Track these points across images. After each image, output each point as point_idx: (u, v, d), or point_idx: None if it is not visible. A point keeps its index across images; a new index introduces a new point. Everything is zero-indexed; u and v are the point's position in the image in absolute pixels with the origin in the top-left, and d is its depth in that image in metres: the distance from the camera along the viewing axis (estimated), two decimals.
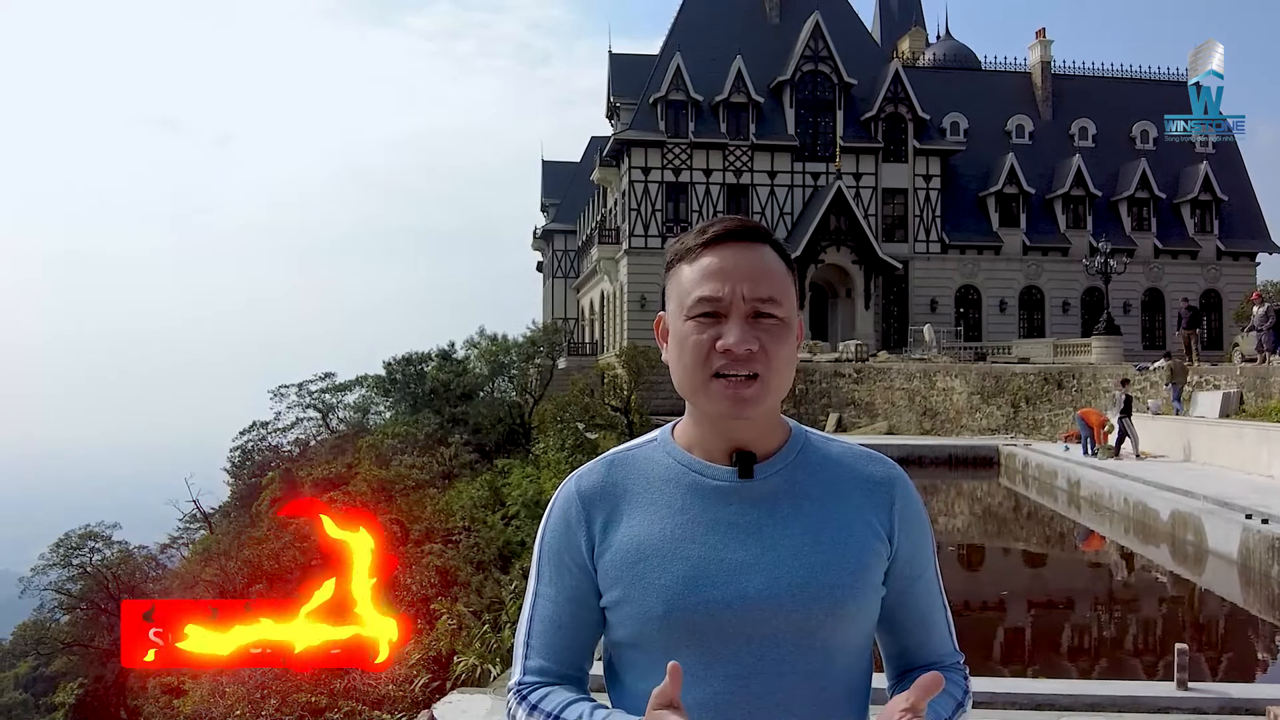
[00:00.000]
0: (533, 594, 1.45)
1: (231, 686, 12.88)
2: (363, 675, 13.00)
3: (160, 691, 22.27)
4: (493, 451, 36.56)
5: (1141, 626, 10.32)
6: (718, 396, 1.36)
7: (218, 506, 49.11)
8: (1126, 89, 51.58)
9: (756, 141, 45.34)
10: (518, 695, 1.40)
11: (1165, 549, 13.49)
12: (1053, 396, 28.51)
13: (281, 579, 25.49)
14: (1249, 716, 4.90)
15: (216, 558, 27.62)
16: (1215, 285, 48.70)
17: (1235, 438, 18.12)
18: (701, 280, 1.37)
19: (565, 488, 1.46)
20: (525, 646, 1.43)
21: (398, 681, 12.20)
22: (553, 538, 1.44)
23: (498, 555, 21.72)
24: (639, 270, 44.64)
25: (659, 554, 1.37)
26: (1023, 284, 47.67)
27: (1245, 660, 9.21)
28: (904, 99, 46.30)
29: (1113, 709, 4.97)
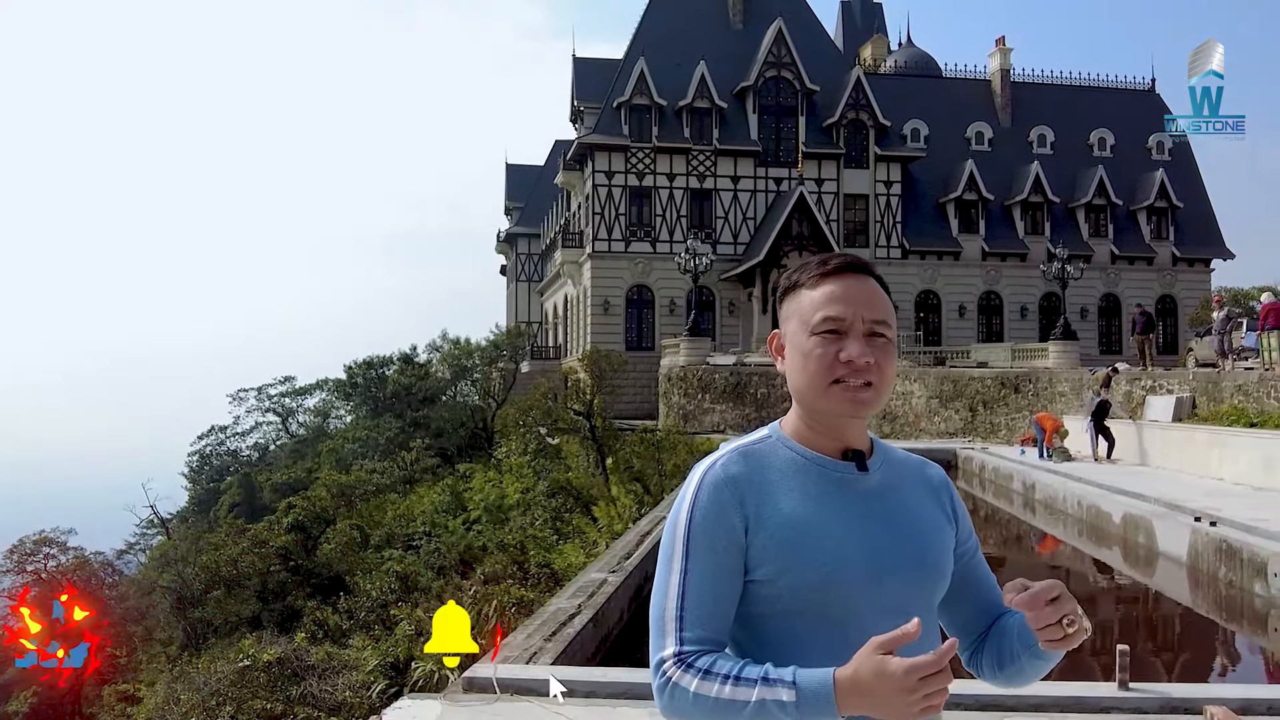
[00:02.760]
0: (681, 570, 1.55)
1: (187, 692, 12.75)
2: (319, 681, 12.92)
3: (116, 699, 21.98)
4: (455, 456, 36.44)
5: (1095, 628, 10.50)
6: (838, 400, 1.59)
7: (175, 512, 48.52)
8: (1084, 97, 52.36)
9: (720, 146, 45.54)
10: (680, 662, 1.49)
11: (1117, 551, 13.72)
12: (1010, 400, 28.87)
13: (240, 585, 25.24)
14: (1188, 715, 5.02)
15: (174, 563, 27.30)
16: (1171, 291, 49.53)
17: (1187, 441, 18.46)
18: (827, 303, 1.61)
19: (711, 473, 1.60)
20: (678, 620, 1.53)
21: (355, 688, 12.14)
22: (704, 519, 1.56)
23: (459, 560, 21.66)
24: (602, 274, 44.66)
25: (810, 534, 1.56)
26: (982, 289, 48.24)
27: (1191, 660, 9.39)
28: (865, 105, 46.70)
29: (1056, 709, 5.07)
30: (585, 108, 48.68)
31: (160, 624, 26.58)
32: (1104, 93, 52.91)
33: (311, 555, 26.03)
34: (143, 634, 28.60)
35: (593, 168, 45.08)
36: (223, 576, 24.31)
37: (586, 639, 6.88)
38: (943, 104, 50.52)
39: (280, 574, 25.69)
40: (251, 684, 12.18)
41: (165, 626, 25.91)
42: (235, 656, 13.50)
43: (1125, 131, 51.24)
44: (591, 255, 44.83)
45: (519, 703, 5.37)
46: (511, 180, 71.65)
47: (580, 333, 46.82)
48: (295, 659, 13.38)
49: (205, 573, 24.41)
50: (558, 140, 63.99)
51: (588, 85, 48.99)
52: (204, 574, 24.44)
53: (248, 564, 24.94)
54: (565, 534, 18.97)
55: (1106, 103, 52.17)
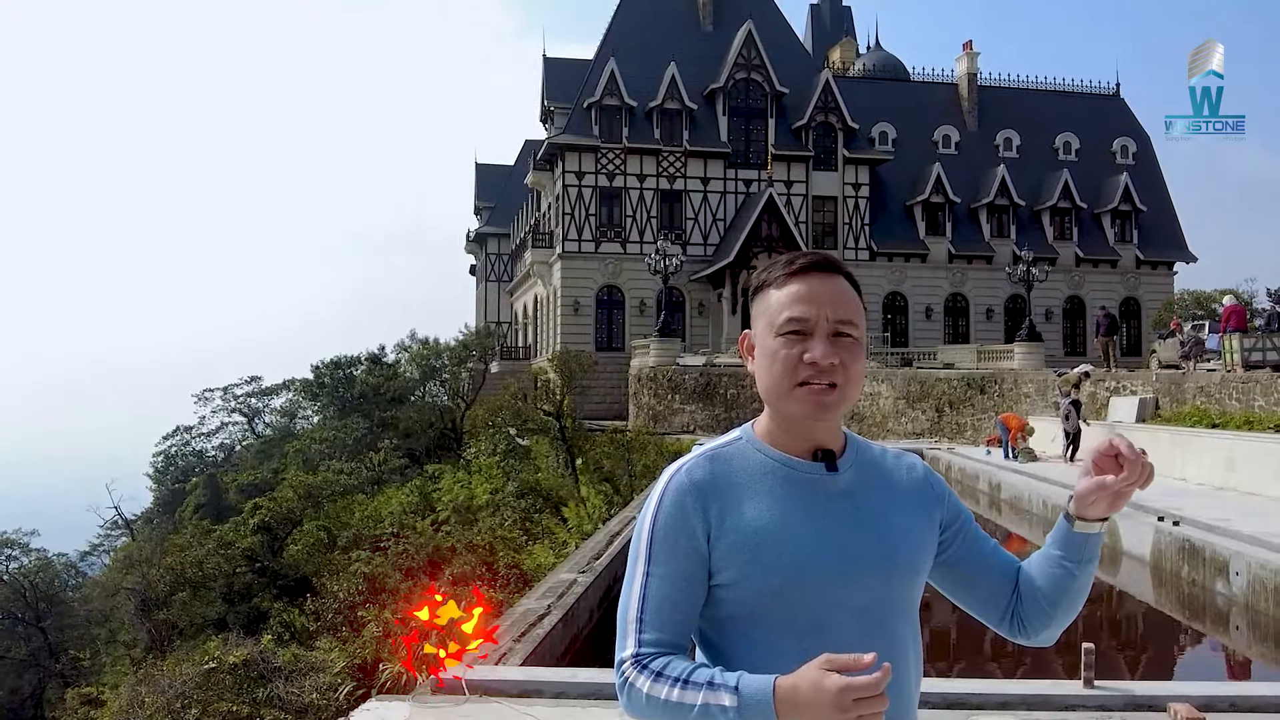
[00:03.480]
0: (643, 575, 1.58)
1: (151, 695, 12.60)
2: (286, 684, 12.82)
3: (79, 702, 21.68)
4: (423, 456, 36.25)
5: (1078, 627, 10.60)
6: (802, 401, 1.59)
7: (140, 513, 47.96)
8: (1050, 101, 52.93)
9: (690, 148, 45.62)
10: (637, 664, 1.53)
11: None
12: (975, 401, 29.14)
13: (205, 586, 24.99)
14: (1151, 713, 5.09)
15: (139, 565, 26.98)
16: (1134, 293, 50.16)
17: (1151, 442, 18.64)
18: (791, 303, 1.61)
19: (676, 479, 1.61)
20: (638, 622, 1.55)
21: (322, 690, 12.05)
22: (666, 523, 1.58)
23: (427, 562, 21.55)
24: (572, 274, 44.62)
25: (774, 537, 1.56)
26: (948, 291, 48.63)
27: (1155, 658, 9.53)
28: (834, 108, 46.96)
29: (1022, 707, 5.12)
30: (556, 108, 48.62)
31: (124, 626, 26.27)
32: (1069, 97, 53.52)
33: (278, 556, 25.82)
34: (106, 636, 28.25)
35: (563, 168, 45.04)
36: (188, 578, 24.06)
37: (556, 639, 6.88)
38: (910, 107, 50.89)
39: (246, 575, 25.47)
40: (217, 686, 12.07)
41: (129, 629, 25.62)
42: (200, 659, 13.37)
43: (1090, 136, 51.85)
44: (562, 256, 44.78)
45: (488, 704, 5.35)
46: (481, 180, 71.40)
47: (550, 333, 46.76)
48: (261, 661, 13.26)
49: (170, 574, 24.14)
50: (528, 140, 63.86)
51: (558, 85, 48.94)
52: (169, 575, 24.16)
53: (213, 565, 24.70)
54: (535, 535, 18.92)
55: (1071, 107, 52.77)
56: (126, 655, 24.43)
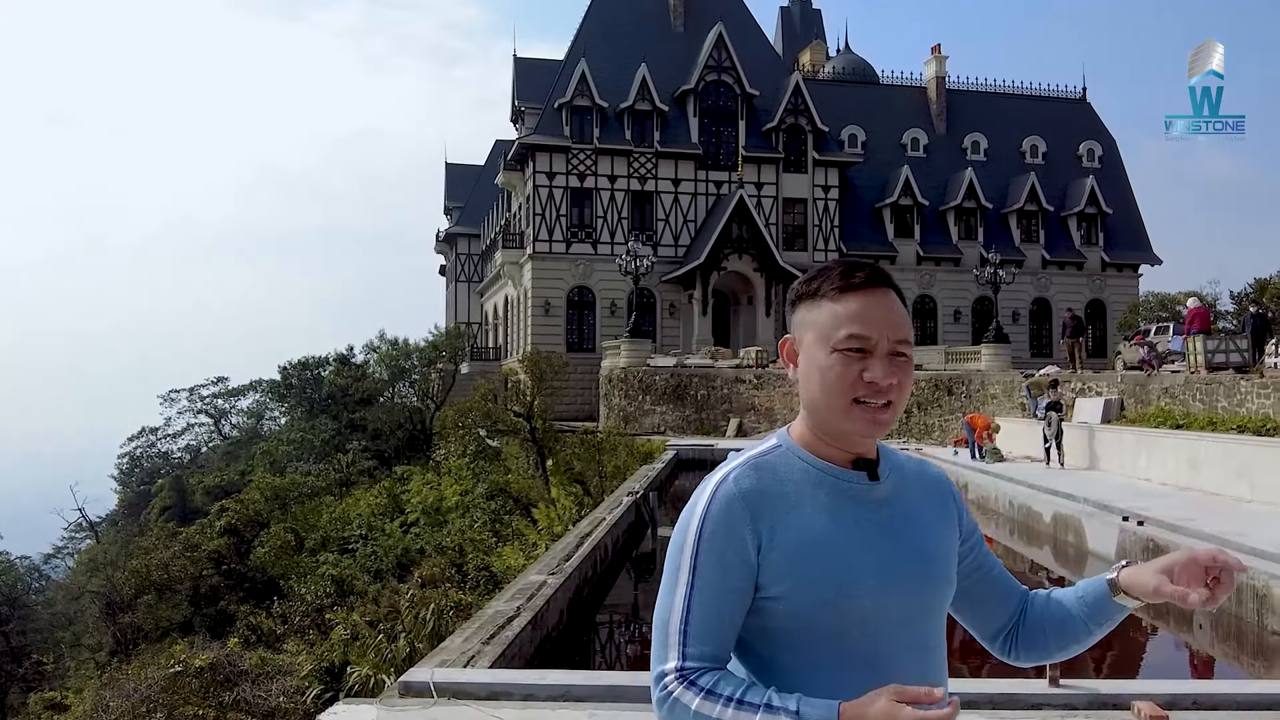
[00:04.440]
0: (686, 585, 1.53)
1: (116, 700, 12.48)
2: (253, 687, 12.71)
3: (42, 707, 21.41)
4: (392, 458, 36.09)
5: None
6: (858, 420, 1.57)
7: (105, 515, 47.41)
8: (1017, 105, 53.41)
9: (661, 149, 45.65)
10: (682, 679, 1.48)
11: (1048, 550, 14.01)
12: (943, 402, 29.35)
13: (171, 589, 24.73)
14: (1115, 711, 5.15)
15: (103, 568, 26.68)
16: (1100, 295, 50.71)
17: (1116, 443, 18.91)
18: (851, 320, 1.57)
19: (723, 488, 1.57)
20: (681, 634, 1.51)
21: (289, 693, 11.96)
22: (714, 534, 1.54)
23: (396, 564, 21.44)
24: (543, 275, 44.53)
25: (825, 549, 1.54)
26: (917, 293, 48.95)
27: (1121, 656, 9.63)
28: (804, 111, 47.16)
29: (988, 706, 5.16)
30: (526, 108, 48.53)
31: (89, 629, 25.96)
32: (1036, 101, 54.05)
33: (245, 559, 25.62)
34: (70, 640, 27.88)
35: (533, 168, 44.94)
36: (153, 581, 23.81)
37: (525, 642, 6.86)
38: (879, 110, 51.21)
39: (213, 578, 25.26)
40: (183, 690, 11.96)
41: (94, 632, 25.31)
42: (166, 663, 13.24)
43: (1057, 139, 52.38)
44: (532, 256, 44.68)
45: (456, 706, 5.33)
46: (451, 180, 71.12)
47: (521, 334, 46.64)
48: (228, 665, 13.16)
49: (135, 577, 23.89)
50: (498, 140, 63.71)
51: (529, 85, 48.87)
52: (134, 579, 23.92)
53: (179, 568, 24.49)
54: (505, 536, 18.87)
55: (1039, 111, 53.29)
56: (91, 659, 24.14)
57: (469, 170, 69.76)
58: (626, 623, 10.42)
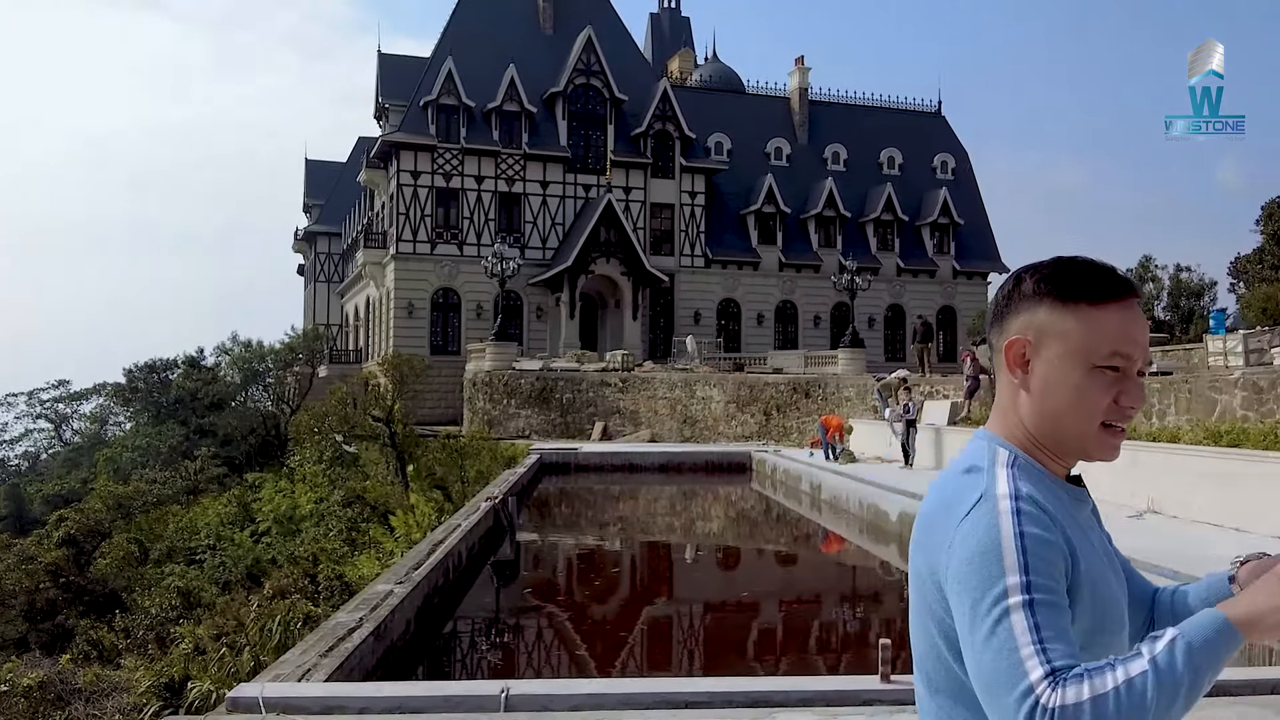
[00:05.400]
0: (1023, 600, 1.28)
1: None
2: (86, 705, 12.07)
3: None
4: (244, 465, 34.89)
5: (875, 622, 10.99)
6: (1103, 445, 1.47)
7: None
8: (876, 117, 55.17)
9: (529, 151, 45.45)
10: (1056, 684, 1.22)
11: (895, 549, 14.43)
12: (801, 405, 30.06)
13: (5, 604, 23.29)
14: None
15: None
16: (951, 302, 52.80)
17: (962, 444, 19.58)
18: (1119, 338, 1.44)
19: (1021, 496, 1.38)
20: (1038, 646, 1.25)
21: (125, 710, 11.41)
22: (1040, 546, 1.33)
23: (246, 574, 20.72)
24: (407, 276, 43.75)
25: (1101, 570, 1.45)
26: (779, 298, 50.06)
27: None
28: (672, 117, 47.68)
29: (822, 703, 5.26)
30: (391, 105, 47.63)
31: None
32: (894, 114, 55.93)
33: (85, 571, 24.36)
34: None
35: (398, 167, 44.14)
36: None
37: (366, 653, 6.67)
38: (745, 119, 52.17)
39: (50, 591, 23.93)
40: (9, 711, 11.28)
41: None
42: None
43: (913, 151, 54.32)
44: (395, 257, 43.85)
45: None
46: (312, 176, 69.25)
47: (383, 336, 45.71)
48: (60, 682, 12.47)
49: None
50: (361, 137, 62.36)
51: (394, 82, 47.97)
52: None
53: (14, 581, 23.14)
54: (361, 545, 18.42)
55: (896, 123, 55.18)
56: None
57: (330, 167, 68.08)
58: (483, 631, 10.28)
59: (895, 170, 53.77)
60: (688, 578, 14.09)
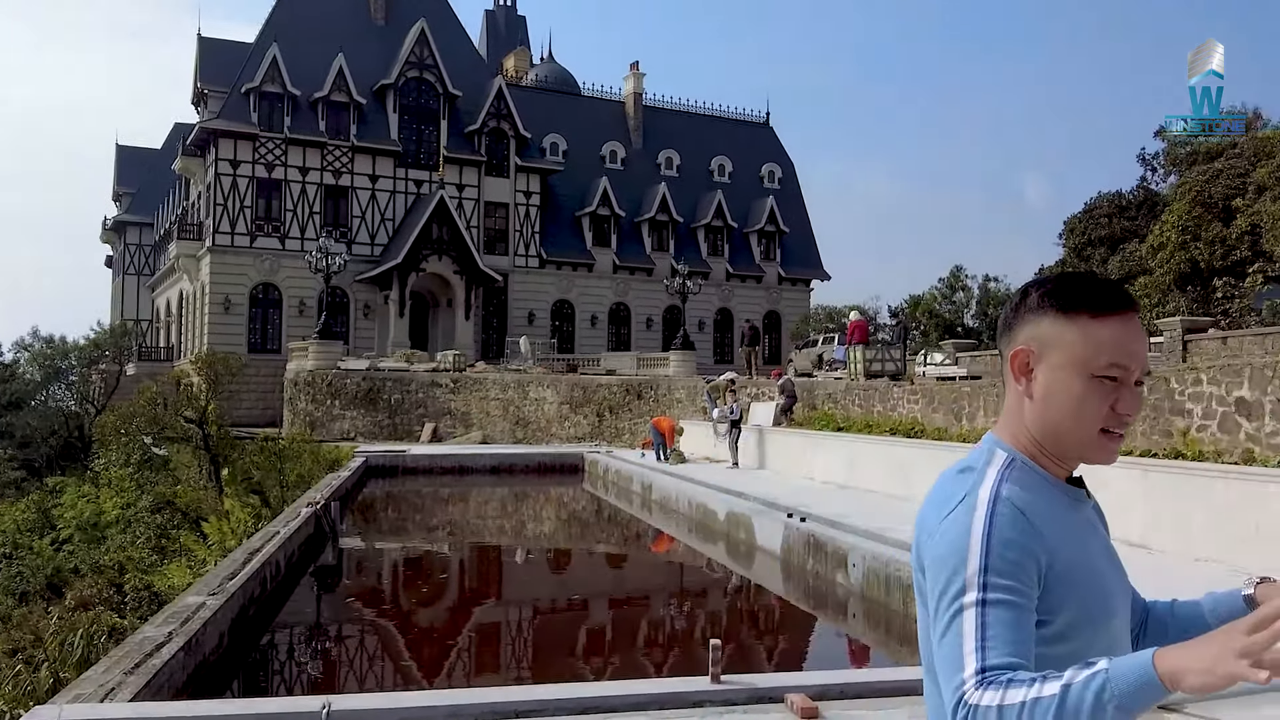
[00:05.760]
0: (977, 600, 1.38)
1: None
2: None
3: None
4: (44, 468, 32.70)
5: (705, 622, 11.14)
6: (1100, 450, 1.54)
7: None
8: (708, 125, 56.30)
9: (357, 143, 44.24)
10: (981, 683, 1.32)
11: (722, 547, 14.71)
12: (634, 406, 30.34)
13: None
14: (771, 704, 5.39)
15: None
16: (776, 307, 54.41)
17: (785, 444, 20.22)
18: (1115, 348, 1.51)
19: (998, 499, 1.46)
20: (979, 647, 1.35)
21: None
22: (1006, 545, 1.42)
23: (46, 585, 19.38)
24: (224, 270, 41.84)
25: (1088, 570, 1.50)
26: (613, 300, 50.41)
27: (787, 648, 10.22)
28: (507, 115, 47.32)
29: (655, 707, 5.25)
30: (210, 91, 45.44)
31: None
32: (725, 123, 57.22)
33: None
34: None
35: (216, 155, 42.15)
36: None
37: (176, 669, 6.28)
38: (581, 121, 52.31)
39: None
40: None
41: None
42: None
43: (742, 160, 55.69)
44: (212, 249, 41.85)
45: None
46: (123, 163, 65.33)
47: (197, 333, 43.54)
48: None
49: None
50: (178, 123, 59.30)
51: (215, 67, 45.78)
52: None
53: None
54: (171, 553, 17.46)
55: (727, 132, 56.48)
56: None
57: (144, 154, 64.43)
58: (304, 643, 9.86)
59: (725, 178, 54.98)
60: (518, 581, 13.95)
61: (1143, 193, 43.36)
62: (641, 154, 53.65)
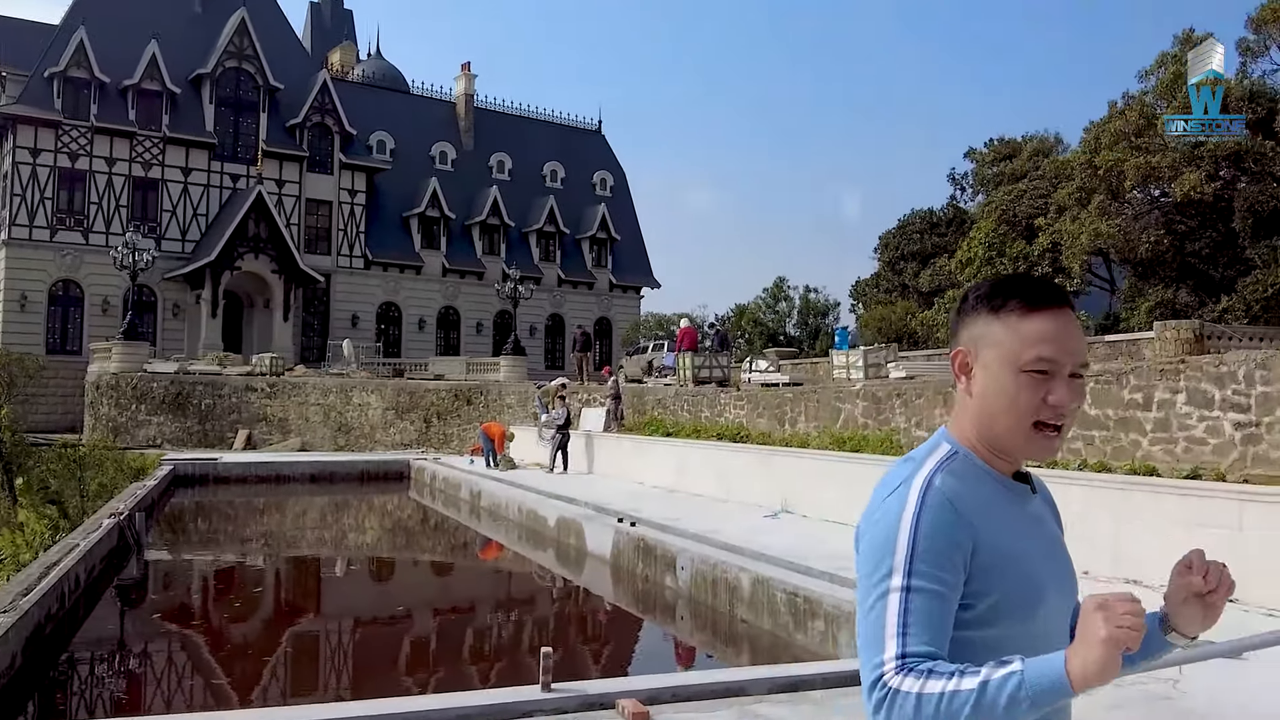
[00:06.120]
0: (903, 585, 1.46)
1: None
2: None
3: None
4: None
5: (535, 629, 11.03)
6: (1035, 444, 1.58)
7: None
8: (541, 130, 56.14)
9: (170, 134, 42.02)
10: (902, 668, 1.40)
11: (552, 553, 14.65)
12: (463, 412, 29.90)
13: None
14: (603, 710, 5.36)
15: None
16: (608, 314, 54.74)
17: (616, 449, 20.36)
18: (1039, 341, 1.56)
19: (934, 490, 1.52)
20: (900, 632, 1.43)
21: None
22: (933, 532, 1.48)
23: None
24: (21, 265, 39.00)
25: (1019, 558, 1.55)
26: (441, 304, 49.58)
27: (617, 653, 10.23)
28: (331, 110, 45.91)
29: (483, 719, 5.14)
30: (9, 74, 42.18)
31: None
32: (558, 128, 57.20)
33: None
34: None
35: (14, 143, 39.25)
36: None
37: None
38: (410, 120, 51.25)
39: None
40: None
41: None
42: None
43: (575, 166, 55.80)
44: (8, 243, 38.91)
45: None
46: None
47: None
48: None
49: None
50: None
51: (12, 48, 42.47)
52: None
53: None
54: None
55: (560, 138, 56.48)
56: None
57: None
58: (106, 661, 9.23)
59: (558, 184, 54.95)
60: (339, 593, 13.49)
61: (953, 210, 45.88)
62: (473, 156, 53.02)
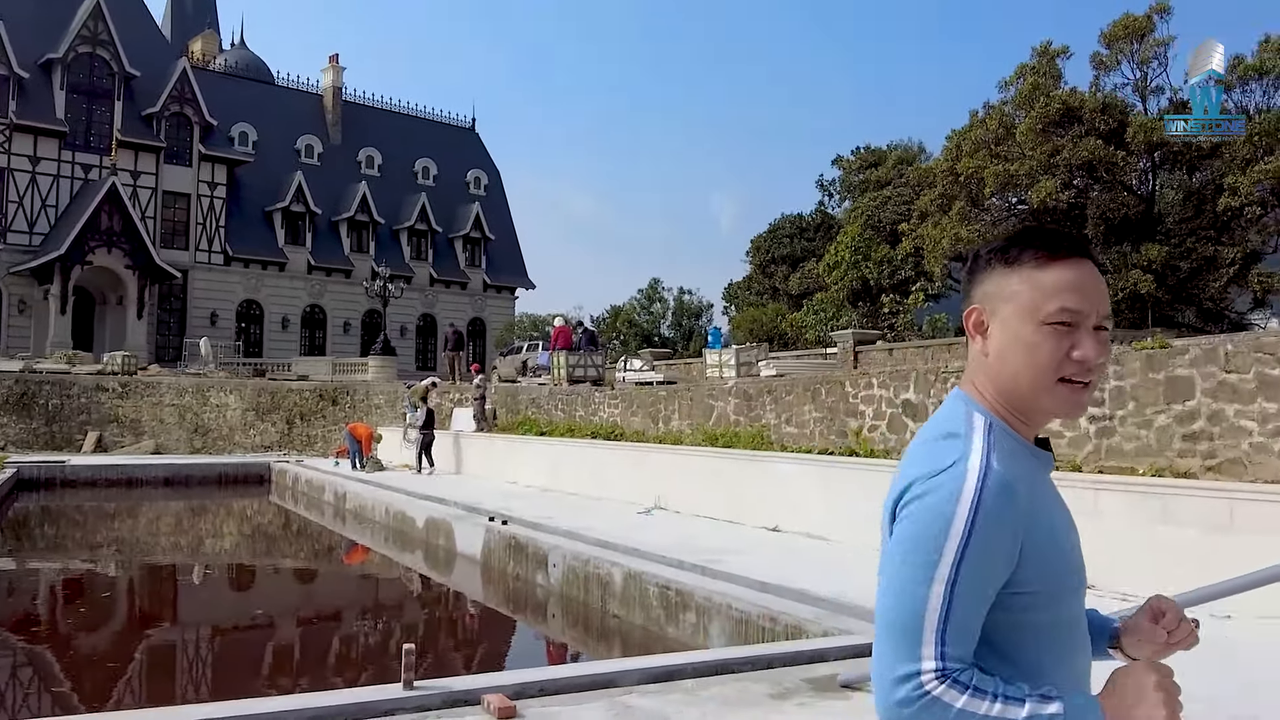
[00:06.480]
0: (949, 580, 1.35)
1: None
2: None
3: None
4: None
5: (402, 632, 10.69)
6: (1062, 400, 1.47)
7: None
8: (413, 126, 55.16)
9: (17, 121, 39.77)
10: (943, 677, 1.32)
11: (420, 554, 14.28)
12: (328, 413, 29.04)
13: None
14: (468, 706, 5.16)
15: None
16: (482, 314, 54.12)
17: (489, 448, 20.06)
18: (1061, 291, 1.45)
19: (994, 473, 1.39)
20: (940, 632, 1.34)
21: None
22: (988, 523, 1.36)
23: None
24: None
25: (1061, 536, 1.47)
26: (307, 302, 48.13)
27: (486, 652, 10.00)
28: (191, 100, 44.14)
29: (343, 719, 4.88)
30: None
31: None
32: (431, 125, 56.30)
33: None
34: None
35: None
36: None
37: None
38: (274, 112, 49.69)
39: None
40: None
41: None
42: None
43: (448, 164, 55.00)
44: None
45: None
46: None
47: None
48: None
49: None
50: None
51: None
52: None
53: None
54: None
55: (432, 135, 55.57)
56: None
57: None
58: None
59: (430, 181, 54.08)
60: (195, 601, 12.85)
61: (821, 216, 46.94)
62: (341, 150, 51.71)
